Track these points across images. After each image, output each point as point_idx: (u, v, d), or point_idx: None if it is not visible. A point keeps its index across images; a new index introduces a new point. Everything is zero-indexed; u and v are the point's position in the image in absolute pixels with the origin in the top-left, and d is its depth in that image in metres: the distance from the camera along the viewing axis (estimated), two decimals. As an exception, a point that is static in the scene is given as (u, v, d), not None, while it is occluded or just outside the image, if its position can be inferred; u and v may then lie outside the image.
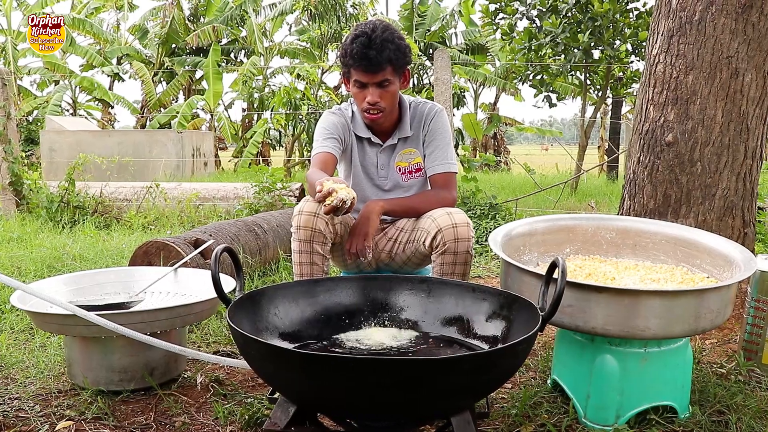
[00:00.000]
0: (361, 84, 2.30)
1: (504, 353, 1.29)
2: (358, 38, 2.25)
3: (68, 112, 19.34)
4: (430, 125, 2.49)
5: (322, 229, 2.20)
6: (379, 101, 2.32)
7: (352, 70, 2.30)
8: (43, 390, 2.22)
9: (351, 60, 2.27)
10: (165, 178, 9.61)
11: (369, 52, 2.22)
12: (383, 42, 2.24)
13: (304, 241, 2.22)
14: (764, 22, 2.74)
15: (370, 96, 2.30)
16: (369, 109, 2.33)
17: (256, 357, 1.33)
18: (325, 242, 2.23)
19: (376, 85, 2.29)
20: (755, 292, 2.26)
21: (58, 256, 4.13)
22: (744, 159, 2.82)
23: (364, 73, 2.27)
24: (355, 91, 2.34)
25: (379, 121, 2.39)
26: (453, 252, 2.21)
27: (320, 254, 2.23)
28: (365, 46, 2.23)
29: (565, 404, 2.05)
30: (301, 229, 2.21)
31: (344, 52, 2.29)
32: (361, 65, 2.25)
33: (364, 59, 2.23)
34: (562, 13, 8.13)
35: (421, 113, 2.50)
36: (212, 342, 2.71)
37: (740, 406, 2.02)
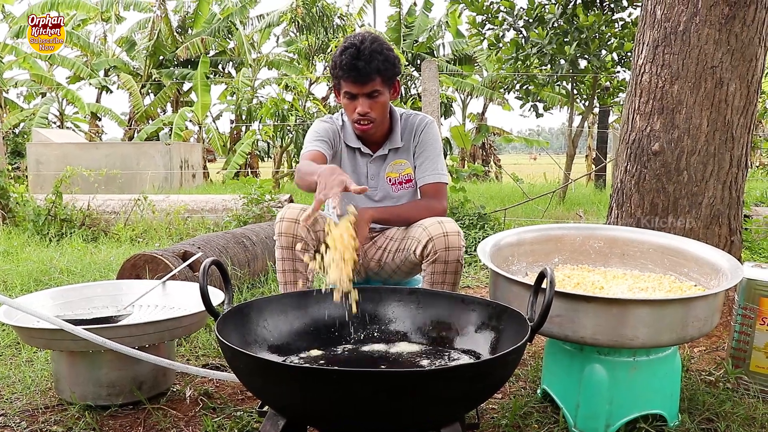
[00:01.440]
0: (351, 95, 2.32)
1: (494, 364, 1.29)
2: (347, 50, 2.27)
3: (55, 125, 19.24)
4: (421, 136, 2.50)
5: (304, 236, 2.21)
6: (370, 112, 2.33)
7: (342, 82, 2.31)
8: (29, 406, 2.19)
9: (340, 71, 2.28)
10: (153, 190, 9.57)
11: (358, 63, 2.24)
12: (372, 53, 2.26)
13: (285, 248, 2.23)
14: (747, 33, 2.78)
15: (360, 107, 2.32)
16: (359, 120, 2.35)
17: (245, 370, 1.32)
18: (306, 249, 2.23)
19: (365, 96, 2.31)
20: (742, 300, 2.28)
21: (45, 269, 4.09)
22: (729, 167, 2.85)
23: (354, 84, 2.28)
24: (345, 102, 2.36)
25: (369, 132, 2.40)
26: (443, 261, 2.21)
27: (302, 261, 2.23)
28: (354, 57, 2.25)
29: (555, 414, 2.05)
30: (282, 235, 2.23)
31: (334, 63, 2.32)
32: (350, 76, 2.27)
33: (353, 70, 2.25)
34: (548, 24, 8.20)
35: (412, 124, 2.52)
36: (201, 355, 2.69)
37: (729, 414, 2.03)
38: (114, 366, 2.13)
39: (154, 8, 18.20)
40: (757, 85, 2.87)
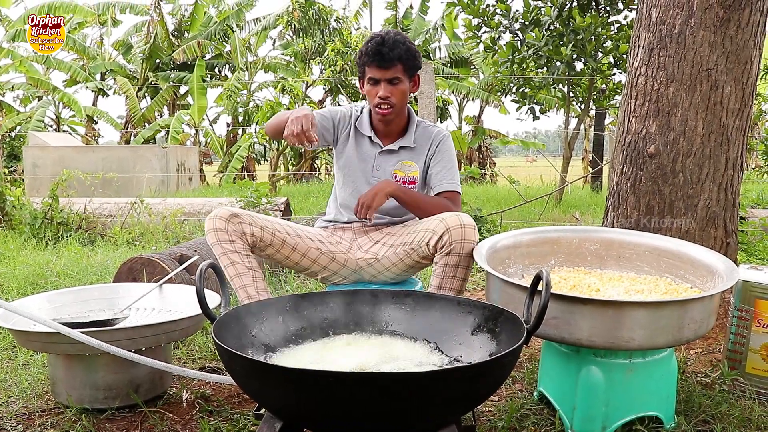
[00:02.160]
0: (374, 80, 2.46)
1: (490, 366, 1.29)
2: (372, 39, 2.47)
3: (51, 128, 19.21)
4: (439, 146, 2.60)
5: (223, 228, 2.28)
6: (390, 96, 2.46)
7: (366, 68, 2.47)
8: (26, 409, 2.19)
9: (366, 57, 2.45)
10: (150, 193, 9.56)
11: (382, 49, 2.41)
12: (395, 42, 2.44)
13: (214, 244, 2.30)
14: (741, 35, 2.79)
15: (382, 90, 2.45)
16: (380, 103, 2.46)
17: (241, 373, 1.32)
18: (231, 240, 2.28)
19: (387, 81, 2.44)
20: (738, 302, 2.29)
21: (41, 273, 4.09)
22: (725, 170, 2.86)
23: (378, 69, 2.43)
24: (368, 88, 2.49)
25: (388, 117, 2.50)
26: (458, 253, 2.22)
27: (234, 251, 2.28)
28: (379, 44, 2.42)
29: (551, 416, 2.06)
30: (207, 233, 2.31)
31: (360, 53, 2.49)
32: (374, 61, 2.42)
33: (378, 55, 2.41)
34: (544, 27, 8.22)
35: (429, 133, 2.62)
36: (198, 358, 2.69)
37: (725, 416, 2.03)
38: (111, 369, 2.12)
39: (150, 11, 18.20)
40: (752, 88, 2.88)
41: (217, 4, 19.51)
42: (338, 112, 2.63)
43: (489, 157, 20.34)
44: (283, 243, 2.38)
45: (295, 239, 2.41)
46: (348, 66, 12.15)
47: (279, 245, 2.38)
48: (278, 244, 2.38)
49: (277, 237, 2.37)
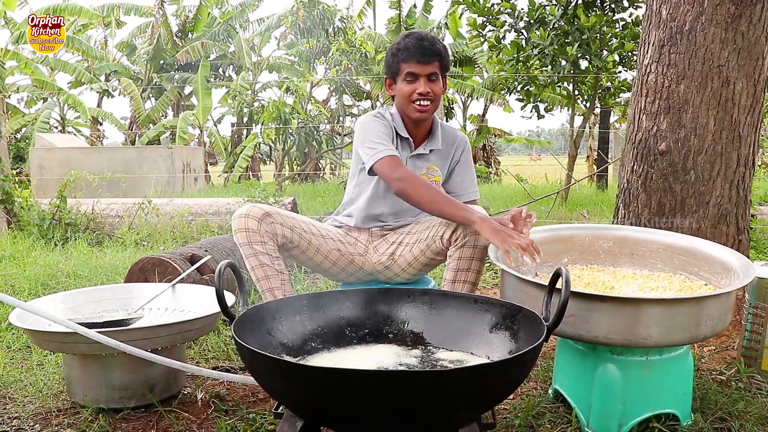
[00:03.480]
0: (413, 75, 2.39)
1: (512, 363, 1.29)
2: (410, 35, 2.42)
3: (57, 129, 19.26)
4: (463, 154, 2.61)
5: (255, 228, 2.24)
6: (430, 92, 2.40)
7: (404, 64, 2.39)
8: (42, 409, 2.20)
9: (405, 53, 2.38)
10: (156, 194, 9.58)
11: (423, 43, 2.37)
12: (433, 38, 2.42)
13: (243, 244, 2.25)
14: (753, 32, 2.78)
15: (421, 86, 2.39)
16: (420, 99, 2.40)
17: (264, 372, 1.32)
18: (263, 241, 2.25)
19: (426, 77, 2.39)
20: (753, 299, 2.28)
21: (51, 273, 4.10)
22: (737, 167, 2.85)
23: (418, 64, 2.38)
24: (404, 86, 2.41)
25: (425, 115, 2.44)
26: (473, 245, 2.22)
27: (265, 254, 2.25)
28: (419, 39, 2.39)
29: (567, 414, 2.06)
30: (236, 233, 2.26)
31: (395, 49, 2.43)
32: (415, 56, 2.37)
33: (419, 49, 2.36)
34: (549, 25, 8.20)
35: (453, 137, 2.61)
36: (211, 358, 2.70)
37: (742, 413, 2.03)
38: (126, 369, 2.13)
39: (154, 13, 18.23)
40: (763, 84, 2.87)
41: (221, 4, 19.54)
42: (387, 127, 2.46)
43: (493, 156, 20.31)
44: (309, 244, 2.37)
45: (319, 240, 2.39)
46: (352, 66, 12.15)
47: (305, 246, 2.36)
48: (305, 245, 2.36)
49: (304, 238, 2.36)
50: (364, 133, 2.43)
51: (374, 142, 2.38)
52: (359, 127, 2.48)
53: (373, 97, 15.28)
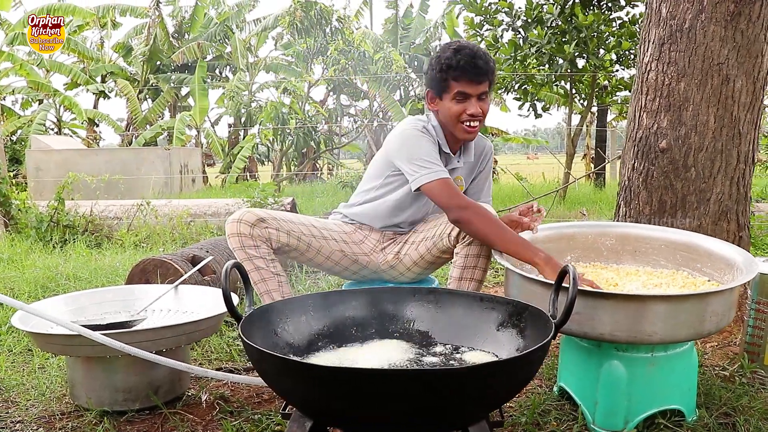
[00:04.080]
0: (464, 95, 2.28)
1: (522, 361, 1.29)
2: (461, 50, 2.26)
3: (53, 131, 19.22)
4: (488, 164, 2.61)
5: (247, 233, 2.23)
6: (480, 113, 2.30)
7: (454, 83, 2.27)
8: (45, 412, 2.19)
9: (457, 71, 2.24)
10: (153, 195, 9.56)
11: (478, 62, 2.24)
12: (486, 54, 2.29)
13: (237, 249, 2.25)
14: (752, 29, 2.79)
15: (472, 107, 2.28)
16: (469, 120, 2.30)
17: (273, 372, 1.32)
18: (256, 245, 2.24)
19: (477, 97, 2.29)
20: (755, 294, 2.29)
21: (51, 276, 4.09)
22: (737, 164, 2.86)
23: (470, 83, 2.26)
24: (452, 104, 2.30)
25: (472, 136, 2.36)
26: (480, 243, 2.21)
27: (259, 257, 2.24)
28: (472, 56, 2.24)
29: (573, 411, 2.06)
30: (229, 237, 2.26)
31: (445, 65, 2.26)
32: (469, 75, 2.24)
33: (475, 68, 2.23)
34: (547, 24, 8.22)
35: (482, 146, 2.55)
36: (214, 359, 2.69)
37: (746, 408, 2.04)
38: (130, 371, 2.13)
39: (150, 13, 18.19)
40: (762, 81, 2.88)
41: (217, 5, 19.51)
42: (432, 143, 2.35)
43: (491, 155, 20.31)
44: (309, 246, 2.35)
45: (320, 242, 2.38)
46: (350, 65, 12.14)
47: (304, 249, 2.35)
48: (304, 248, 2.35)
49: (302, 241, 2.34)
50: (412, 148, 2.31)
51: (426, 161, 2.26)
52: (403, 138, 2.36)
53: (371, 97, 15.28)
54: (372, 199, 2.53)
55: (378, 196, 2.51)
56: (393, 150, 2.39)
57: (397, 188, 2.46)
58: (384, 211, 2.50)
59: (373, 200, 2.53)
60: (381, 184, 2.50)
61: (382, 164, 2.49)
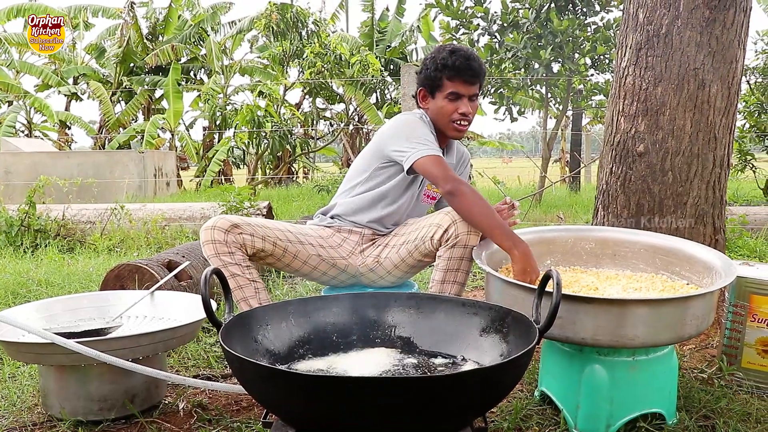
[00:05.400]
0: (457, 95, 2.37)
1: (507, 367, 1.28)
2: (456, 51, 2.36)
3: (23, 134, 18.88)
4: (465, 168, 2.69)
5: (222, 239, 2.20)
6: (471, 113, 2.40)
7: (448, 82, 2.36)
8: (17, 423, 2.13)
9: (452, 71, 2.34)
10: (127, 198, 9.43)
11: (473, 64, 2.35)
12: (478, 57, 2.41)
13: (211, 256, 2.23)
14: (727, 35, 2.82)
15: (464, 107, 2.38)
16: (460, 119, 2.40)
17: (255, 380, 1.30)
18: (231, 251, 2.21)
19: (468, 97, 2.39)
20: (733, 298, 2.31)
21: (22, 282, 4.00)
22: (713, 167, 2.89)
23: (464, 84, 2.36)
24: (444, 103, 2.39)
25: (461, 135, 2.46)
26: (464, 245, 2.21)
27: (234, 264, 2.22)
28: (467, 58, 2.35)
29: (554, 416, 2.06)
30: (204, 245, 2.23)
31: (441, 65, 2.36)
32: (463, 76, 2.35)
33: (469, 69, 2.34)
34: (522, 29, 8.26)
35: (461, 153, 2.67)
36: (191, 366, 2.65)
37: (725, 410, 2.05)
38: (105, 379, 2.08)
39: (124, 15, 17.96)
40: (737, 87, 2.92)
41: (192, 7, 19.33)
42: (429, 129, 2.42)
43: (466, 159, 20.40)
44: (285, 252, 2.33)
45: (296, 246, 2.36)
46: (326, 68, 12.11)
47: (280, 254, 2.33)
48: (279, 253, 2.32)
49: (278, 246, 2.31)
50: (410, 130, 2.36)
51: (423, 139, 2.32)
52: (399, 123, 2.42)
53: (347, 101, 15.25)
54: (358, 193, 2.52)
55: (365, 189, 2.51)
56: (386, 136, 2.43)
57: (385, 181, 2.47)
58: (370, 202, 2.49)
59: (360, 194, 2.51)
60: (368, 178, 2.50)
61: (370, 157, 2.50)
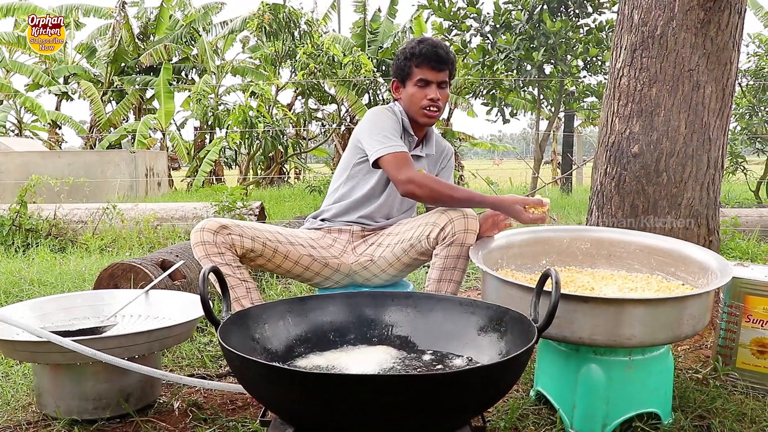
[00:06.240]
0: (425, 82, 2.44)
1: (509, 365, 1.28)
2: (424, 41, 2.46)
3: (13, 133, 18.75)
4: (449, 161, 2.71)
5: (211, 240, 2.20)
6: (440, 99, 2.46)
7: (417, 69, 2.44)
8: (11, 422, 2.11)
9: (420, 58, 2.42)
10: (119, 198, 9.39)
11: (439, 51, 2.42)
12: (446, 46, 2.49)
13: (202, 258, 2.22)
14: (722, 37, 2.84)
15: (432, 93, 2.44)
16: (429, 105, 2.45)
17: (255, 378, 1.29)
18: (221, 252, 2.21)
19: (437, 84, 2.45)
20: (728, 298, 2.32)
21: (14, 281, 3.97)
22: (707, 169, 2.90)
23: (431, 71, 2.43)
24: (414, 90, 2.46)
25: (433, 121, 2.50)
26: (461, 243, 2.21)
27: (224, 264, 2.21)
28: (434, 46, 2.43)
29: (550, 415, 2.06)
30: (194, 247, 2.22)
31: (409, 54, 2.45)
32: (430, 63, 2.42)
33: (435, 56, 2.41)
34: (515, 30, 8.29)
35: (442, 146, 2.70)
36: (185, 365, 2.64)
37: (720, 410, 2.06)
38: (100, 378, 2.06)
39: (115, 14, 17.88)
40: (731, 88, 2.93)
41: (183, 7, 19.27)
42: (396, 123, 2.47)
43: (458, 160, 20.43)
44: (275, 252, 2.32)
45: (287, 247, 2.35)
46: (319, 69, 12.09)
47: (270, 255, 2.32)
48: (269, 253, 2.32)
49: (268, 247, 2.31)
50: (375, 124, 2.43)
51: (385, 136, 2.37)
52: (368, 117, 2.49)
53: (339, 101, 15.24)
54: (342, 194, 2.57)
55: (348, 189, 2.56)
56: (358, 131, 2.50)
57: (365, 176, 2.52)
58: (356, 202, 2.54)
59: (343, 194, 2.57)
60: (348, 176, 2.56)
61: (349, 152, 2.57)
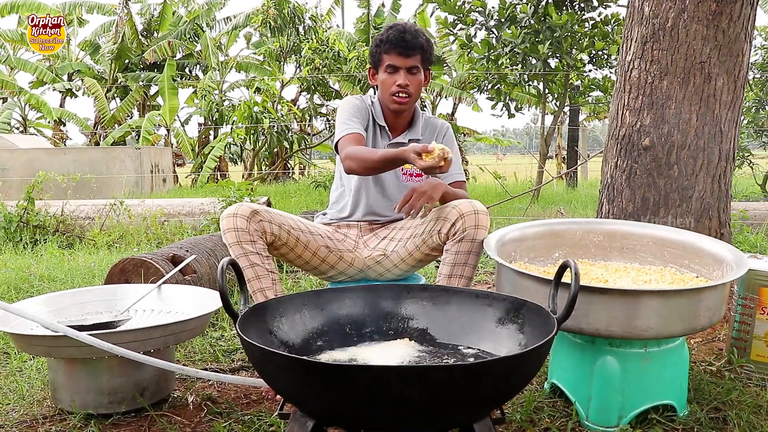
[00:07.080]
0: (393, 68, 2.43)
1: (529, 356, 1.28)
2: (393, 27, 2.46)
3: (18, 130, 18.78)
4: (445, 138, 2.61)
5: (244, 227, 2.18)
6: (409, 85, 2.43)
7: (385, 55, 2.44)
8: (27, 416, 2.12)
9: (387, 45, 2.42)
10: (124, 195, 9.40)
11: (405, 36, 2.41)
12: (416, 31, 2.46)
13: (233, 244, 2.18)
14: (733, 29, 2.83)
15: (401, 78, 2.42)
16: (398, 91, 2.43)
17: (275, 371, 1.29)
18: (253, 240, 2.20)
19: (406, 70, 2.43)
20: (742, 290, 2.32)
21: (24, 277, 3.98)
22: (718, 161, 2.89)
23: (399, 56, 2.41)
24: (384, 77, 2.46)
25: (404, 107, 2.48)
26: (471, 239, 2.20)
27: (255, 253, 2.19)
28: (401, 32, 2.42)
29: (566, 407, 2.06)
30: (225, 233, 2.20)
31: (378, 40, 2.46)
32: (396, 48, 2.41)
33: (401, 42, 2.40)
34: (520, 24, 8.26)
35: (434, 125, 2.64)
36: (198, 360, 2.64)
37: (736, 402, 2.06)
38: (116, 372, 2.07)
39: (118, 11, 17.87)
40: (743, 80, 2.92)
41: (187, 3, 19.25)
42: (360, 109, 2.52)
43: (462, 155, 20.40)
44: (297, 241, 2.32)
45: (307, 236, 2.35)
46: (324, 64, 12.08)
47: (294, 243, 2.32)
48: (293, 242, 2.31)
49: (292, 235, 2.30)
50: (340, 112, 2.51)
51: (342, 122, 2.44)
52: (339, 107, 2.54)
53: (343, 97, 15.23)
54: (339, 195, 2.60)
55: (344, 189, 2.59)
56: None
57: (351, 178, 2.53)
58: (353, 202, 2.55)
59: (341, 195, 2.60)
60: (341, 174, 2.57)
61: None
